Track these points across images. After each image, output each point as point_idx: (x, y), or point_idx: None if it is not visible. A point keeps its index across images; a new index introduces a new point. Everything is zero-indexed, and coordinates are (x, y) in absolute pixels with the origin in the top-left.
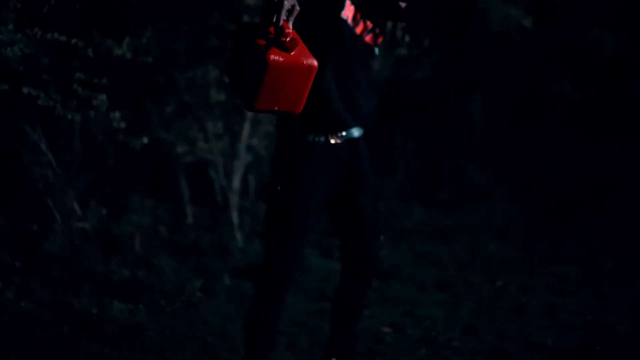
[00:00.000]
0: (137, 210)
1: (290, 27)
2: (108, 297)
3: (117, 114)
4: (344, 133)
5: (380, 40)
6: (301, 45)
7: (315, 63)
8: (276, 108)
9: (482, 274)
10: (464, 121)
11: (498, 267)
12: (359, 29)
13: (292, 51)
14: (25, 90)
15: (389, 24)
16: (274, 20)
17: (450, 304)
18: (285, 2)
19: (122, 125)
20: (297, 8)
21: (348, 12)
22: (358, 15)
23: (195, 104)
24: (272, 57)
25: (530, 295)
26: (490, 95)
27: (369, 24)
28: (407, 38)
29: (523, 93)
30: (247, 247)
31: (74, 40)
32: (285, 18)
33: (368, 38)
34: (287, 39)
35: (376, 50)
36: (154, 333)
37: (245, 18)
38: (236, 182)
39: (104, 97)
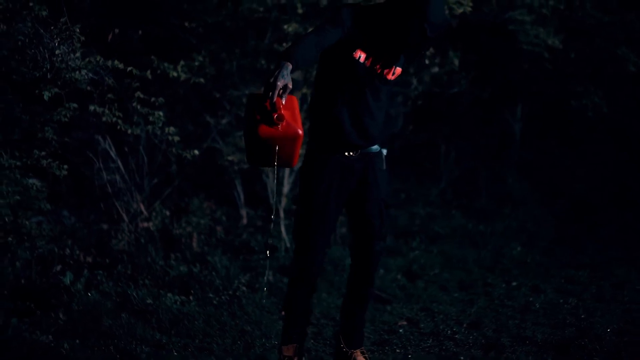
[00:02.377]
0: (196, 212)
1: (283, 101)
2: (164, 290)
3: (171, 129)
4: (359, 151)
5: (396, 72)
6: (290, 118)
7: (300, 132)
8: (270, 165)
9: (502, 276)
10: (502, 132)
11: (518, 269)
12: (372, 65)
13: (279, 125)
14: (91, 107)
15: (402, 60)
16: (270, 95)
17: (465, 301)
18: (278, 83)
19: (177, 139)
20: (290, 86)
21: (360, 52)
22: (371, 57)
23: None
24: (260, 131)
25: (538, 295)
26: (525, 106)
27: (383, 60)
28: (437, 59)
29: (555, 105)
30: (292, 247)
31: (129, 68)
32: (279, 95)
33: (382, 72)
34: (275, 116)
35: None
36: (200, 322)
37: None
38: (286, 187)
39: (160, 113)
